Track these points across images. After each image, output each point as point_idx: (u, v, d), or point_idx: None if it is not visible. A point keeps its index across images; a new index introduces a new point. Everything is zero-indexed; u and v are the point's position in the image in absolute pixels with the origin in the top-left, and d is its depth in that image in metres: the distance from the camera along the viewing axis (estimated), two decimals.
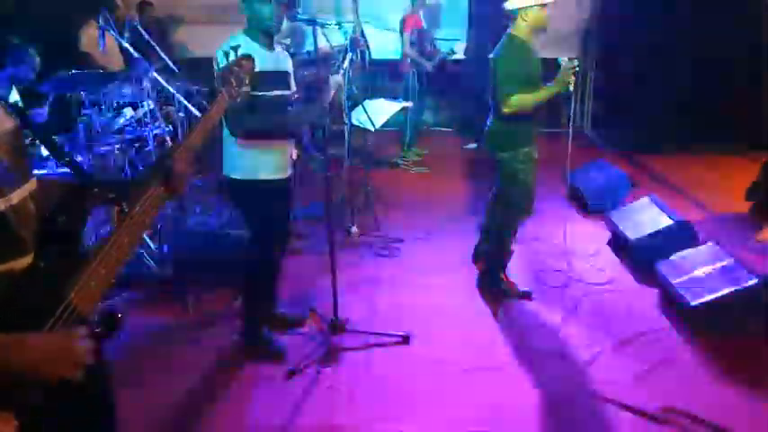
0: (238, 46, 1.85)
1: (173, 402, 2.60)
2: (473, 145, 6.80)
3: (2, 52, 3.76)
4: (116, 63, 5.20)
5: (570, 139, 3.33)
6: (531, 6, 3.11)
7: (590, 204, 4.82)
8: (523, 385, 2.69)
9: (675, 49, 6.57)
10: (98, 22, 3.80)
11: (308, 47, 6.84)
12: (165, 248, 3.95)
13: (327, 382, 2.74)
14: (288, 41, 5.89)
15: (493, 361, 2.87)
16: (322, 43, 6.39)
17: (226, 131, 2.69)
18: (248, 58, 1.63)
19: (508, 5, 3.16)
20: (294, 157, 3.67)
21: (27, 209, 1.16)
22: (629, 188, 4.84)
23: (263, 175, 2.72)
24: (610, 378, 2.71)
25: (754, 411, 2.49)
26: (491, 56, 3.22)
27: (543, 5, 3.13)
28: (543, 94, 3.09)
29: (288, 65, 2.86)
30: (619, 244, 4.11)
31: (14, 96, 3.94)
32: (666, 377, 2.72)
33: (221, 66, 1.67)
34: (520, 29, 3.16)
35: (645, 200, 4.16)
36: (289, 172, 2.89)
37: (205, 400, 2.63)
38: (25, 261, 1.13)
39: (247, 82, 1.68)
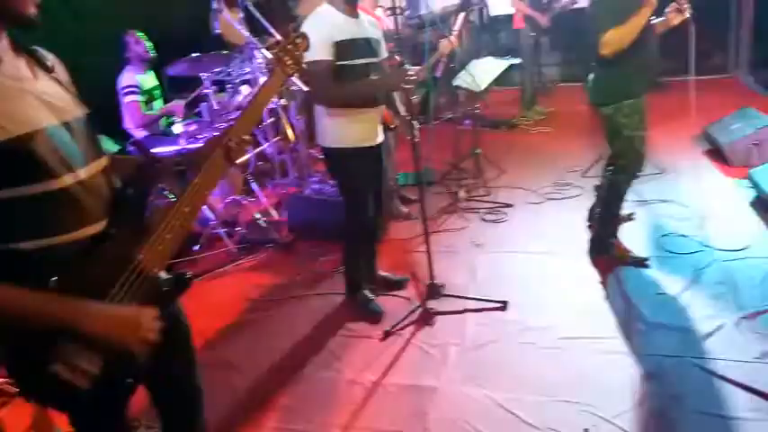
0: (298, 24, 1.89)
1: (274, 356, 2.84)
2: None
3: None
4: (240, 39, 5.57)
5: (692, 85, 2.92)
6: None
7: (731, 160, 4.25)
8: (622, 357, 2.51)
9: None
10: (214, 5, 4.08)
11: (424, 9, 6.77)
12: (285, 216, 4.26)
13: (420, 344, 2.79)
14: (398, 4, 5.85)
15: (592, 330, 2.71)
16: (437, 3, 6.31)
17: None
18: (303, 35, 1.66)
19: None
20: (393, 125, 3.72)
21: (97, 183, 1.32)
22: None
23: (352, 143, 2.79)
24: (729, 355, 2.42)
25: None
26: None
27: None
28: (637, 19, 2.71)
29: (375, 31, 2.86)
30: (763, 205, 3.60)
31: (152, 82, 4.43)
32: None
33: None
34: None
35: None
36: (379, 139, 2.93)
37: (303, 355, 2.82)
38: (97, 228, 1.30)
39: (303, 59, 1.71)
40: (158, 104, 4.46)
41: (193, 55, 3.99)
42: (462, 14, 5.26)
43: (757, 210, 3.64)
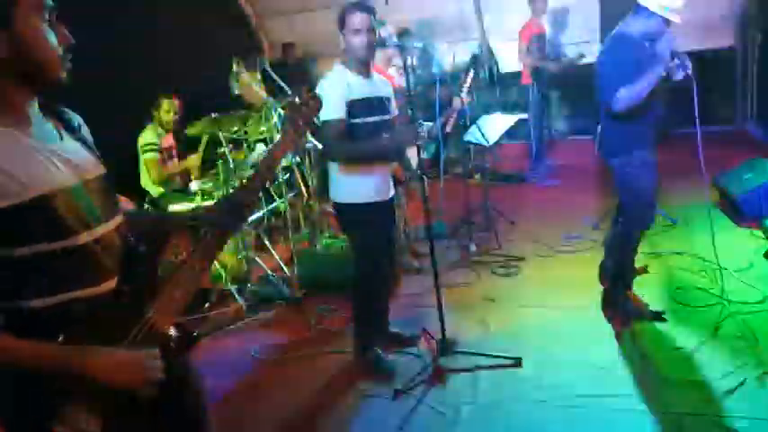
0: (310, 86, 1.97)
1: (283, 414, 2.79)
2: None
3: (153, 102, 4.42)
4: (259, 99, 5.77)
5: (699, 135, 2.95)
6: (658, 14, 2.83)
7: (743, 211, 4.22)
8: (641, 416, 2.43)
9: None
10: (234, 67, 4.26)
11: (435, 68, 6.97)
12: (296, 272, 4.27)
13: (432, 403, 2.73)
14: (411, 62, 6.04)
15: (609, 388, 2.64)
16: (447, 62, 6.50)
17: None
18: (315, 97, 1.71)
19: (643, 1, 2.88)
20: (403, 179, 3.78)
21: (112, 240, 1.36)
22: None
23: (364, 198, 2.84)
24: (752, 412, 2.34)
25: None
26: (597, 57, 3.03)
27: (668, 22, 2.83)
28: (649, 76, 2.78)
29: (386, 90, 2.96)
30: None
31: (170, 142, 4.57)
32: None
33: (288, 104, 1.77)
34: (633, 27, 2.92)
35: None
36: (390, 193, 2.98)
37: (313, 414, 2.77)
38: (110, 285, 1.32)
39: (315, 120, 1.77)
40: (174, 164, 4.59)
41: (212, 115, 4.12)
42: (472, 72, 5.43)
43: None
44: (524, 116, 5.01)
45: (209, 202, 3.87)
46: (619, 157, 2.99)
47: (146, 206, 3.92)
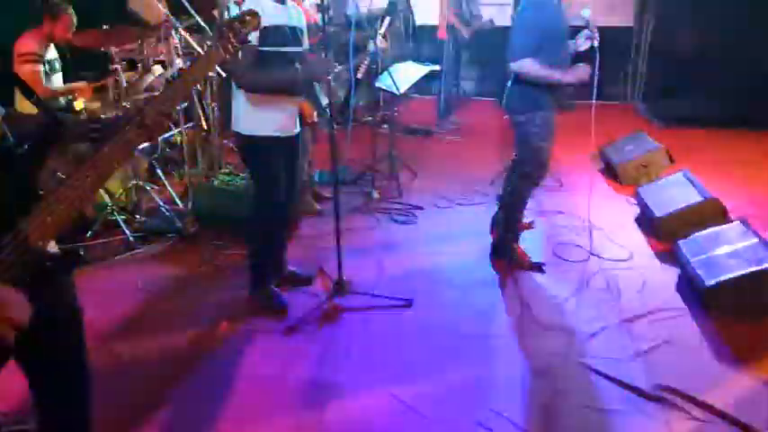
0: (221, 9, 1.84)
1: (170, 349, 2.72)
2: None
3: (40, 10, 3.88)
4: (157, 17, 5.29)
5: (593, 109, 3.16)
6: None
7: (622, 178, 4.62)
8: (515, 355, 2.65)
9: (746, 20, 6.14)
10: None
11: (349, 9, 6.78)
12: (191, 205, 4.08)
13: (324, 340, 2.79)
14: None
15: (490, 329, 2.84)
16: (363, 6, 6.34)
17: (235, 86, 2.73)
18: (254, 14, 1.58)
19: None
20: (311, 119, 3.70)
21: None
22: (667, 163, 4.60)
23: (268, 131, 2.75)
24: (608, 354, 2.62)
25: (759, 397, 2.36)
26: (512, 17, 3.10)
27: None
28: (556, 75, 2.97)
29: (300, 20, 2.84)
30: (646, 221, 3.94)
31: (53, 53, 4.10)
32: (669, 357, 2.60)
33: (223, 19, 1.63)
34: None
35: (678, 175, 3.95)
36: (296, 130, 2.91)
37: (202, 349, 2.73)
38: None
39: (250, 39, 1.64)
40: (57, 78, 4.13)
41: (103, 27, 3.72)
42: (388, 18, 5.35)
43: (641, 224, 3.98)
44: (436, 68, 5.04)
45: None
46: (524, 115, 3.13)
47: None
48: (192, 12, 4.17)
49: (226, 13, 1.82)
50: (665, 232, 3.62)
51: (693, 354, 2.64)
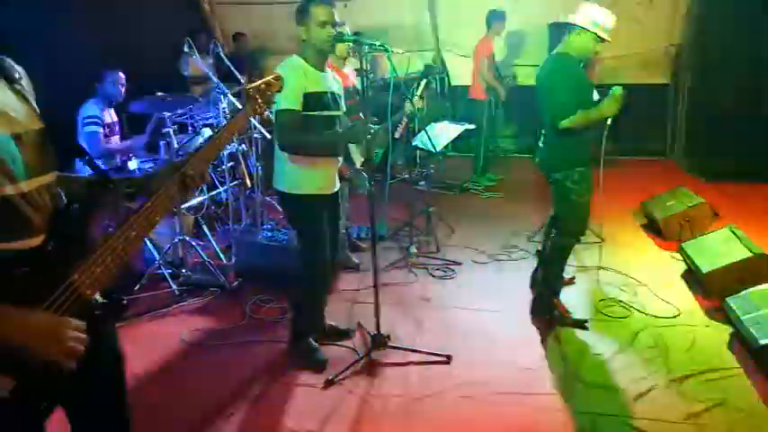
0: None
1: (208, 401, 2.74)
2: None
3: (98, 76, 4.23)
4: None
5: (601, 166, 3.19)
6: (592, 31, 3.03)
7: (665, 234, 4.52)
8: (558, 414, 2.56)
9: None
10: (185, 49, 4.17)
11: (390, 72, 7.05)
12: (234, 260, 4.20)
13: (362, 394, 2.77)
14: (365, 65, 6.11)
15: (531, 387, 2.77)
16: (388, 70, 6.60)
17: (277, 146, 2.86)
18: (278, 77, 1.71)
19: (572, 18, 3.08)
20: (346, 176, 3.81)
21: (42, 197, 1.31)
22: (711, 218, 4.50)
23: (309, 190, 2.85)
24: (657, 416, 2.51)
25: None
26: (538, 73, 3.19)
27: (602, 39, 3.05)
28: (596, 114, 3.00)
29: (338, 86, 2.99)
30: (693, 277, 3.83)
31: (112, 116, 4.41)
32: (722, 420, 2.47)
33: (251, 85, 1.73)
34: (571, 47, 3.10)
35: (724, 230, 3.85)
36: (336, 187, 3.00)
37: (242, 402, 2.74)
38: (35, 241, 1.27)
39: (274, 100, 1.76)
40: (115, 141, 4.42)
41: (158, 94, 4.00)
42: (424, 81, 5.54)
43: (687, 281, 3.87)
44: (471, 126, 5.14)
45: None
46: (560, 172, 3.15)
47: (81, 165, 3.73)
48: (242, 80, 4.45)
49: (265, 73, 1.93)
50: (712, 289, 3.50)
51: (748, 417, 2.50)
